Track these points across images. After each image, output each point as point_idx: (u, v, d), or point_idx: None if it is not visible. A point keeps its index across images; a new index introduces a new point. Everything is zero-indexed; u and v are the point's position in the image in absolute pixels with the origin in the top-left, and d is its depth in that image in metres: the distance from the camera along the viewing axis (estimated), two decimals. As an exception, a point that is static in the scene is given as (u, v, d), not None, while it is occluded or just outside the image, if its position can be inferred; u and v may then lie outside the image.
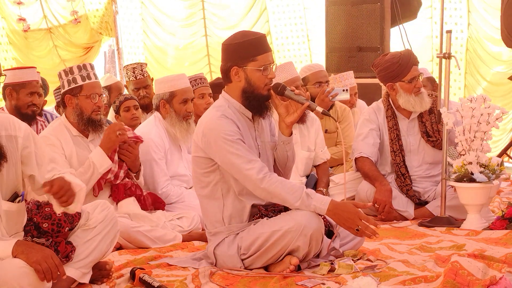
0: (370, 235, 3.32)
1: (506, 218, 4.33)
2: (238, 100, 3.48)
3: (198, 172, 3.51)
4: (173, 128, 4.65)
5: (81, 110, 4.15)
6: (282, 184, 3.32)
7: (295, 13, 10.07)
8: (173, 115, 4.66)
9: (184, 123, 4.65)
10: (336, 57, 7.70)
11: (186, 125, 4.65)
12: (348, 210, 3.32)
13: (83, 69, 4.16)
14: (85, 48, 10.23)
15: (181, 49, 10.47)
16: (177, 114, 4.65)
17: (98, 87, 4.22)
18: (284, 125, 3.55)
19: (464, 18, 9.36)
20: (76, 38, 10.12)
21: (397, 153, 4.99)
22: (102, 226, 3.18)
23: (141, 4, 10.33)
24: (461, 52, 9.44)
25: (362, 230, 3.30)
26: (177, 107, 4.66)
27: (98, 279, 3.27)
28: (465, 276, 3.02)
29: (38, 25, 10.02)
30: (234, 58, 3.43)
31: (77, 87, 4.14)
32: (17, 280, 2.73)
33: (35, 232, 3.08)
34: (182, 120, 4.65)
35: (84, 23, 10.07)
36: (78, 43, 10.16)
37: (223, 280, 3.27)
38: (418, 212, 4.89)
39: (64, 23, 10.07)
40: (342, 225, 3.32)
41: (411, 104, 4.91)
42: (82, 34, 10.13)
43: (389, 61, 4.92)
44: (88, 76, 4.15)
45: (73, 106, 4.16)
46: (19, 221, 3.04)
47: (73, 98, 4.15)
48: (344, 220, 3.30)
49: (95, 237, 3.16)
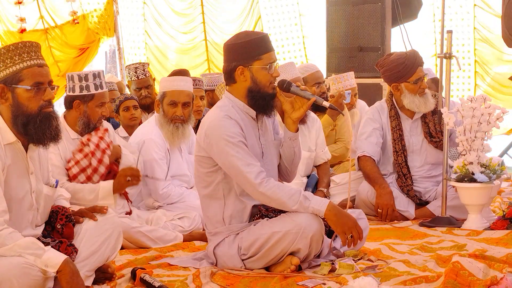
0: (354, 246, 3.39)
1: (507, 218, 4.33)
2: (243, 100, 3.48)
3: (201, 171, 3.51)
4: (161, 129, 4.59)
5: (89, 118, 4.12)
6: (280, 188, 3.32)
7: (291, 20, 10.04)
8: (162, 116, 4.59)
9: (171, 126, 4.55)
10: (336, 57, 7.70)
11: (172, 128, 4.54)
12: (348, 215, 3.34)
13: (97, 78, 4.12)
14: (80, 49, 10.20)
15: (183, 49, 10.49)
16: (165, 115, 4.58)
17: (107, 96, 4.21)
18: (291, 121, 3.55)
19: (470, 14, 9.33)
20: (72, 39, 10.08)
21: (400, 153, 4.99)
22: (104, 230, 3.19)
23: (143, 5, 10.34)
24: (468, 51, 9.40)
25: (355, 239, 3.31)
26: (165, 108, 4.58)
27: (101, 281, 3.28)
28: (466, 276, 3.02)
29: (34, 26, 10.00)
30: (238, 58, 3.42)
31: (89, 95, 4.10)
32: (17, 279, 2.74)
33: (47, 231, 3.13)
34: (169, 123, 4.55)
35: (81, 24, 10.05)
36: (74, 44, 10.13)
37: (224, 280, 3.27)
38: (419, 212, 4.89)
39: (61, 24, 10.05)
40: (337, 228, 3.32)
41: (416, 104, 4.92)
42: (79, 35, 10.10)
43: (395, 61, 4.91)
44: (101, 85, 4.13)
45: (81, 112, 4.13)
46: (48, 211, 3.16)
47: (83, 105, 4.11)
48: (341, 224, 3.31)
49: (98, 241, 3.16)
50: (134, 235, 4.04)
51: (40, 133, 2.96)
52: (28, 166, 3.04)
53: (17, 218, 2.98)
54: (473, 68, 9.46)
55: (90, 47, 10.22)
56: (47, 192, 3.13)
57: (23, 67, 2.94)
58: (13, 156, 2.98)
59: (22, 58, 2.94)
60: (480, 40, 9.34)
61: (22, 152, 3.02)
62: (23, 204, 3.00)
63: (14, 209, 2.96)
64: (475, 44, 9.38)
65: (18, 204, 2.98)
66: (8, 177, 2.93)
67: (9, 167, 2.94)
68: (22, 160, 3.02)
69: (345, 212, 3.35)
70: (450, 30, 4.67)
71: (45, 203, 3.12)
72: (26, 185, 3.02)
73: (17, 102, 2.94)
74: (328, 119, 5.81)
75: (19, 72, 2.93)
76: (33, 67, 2.96)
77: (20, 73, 2.93)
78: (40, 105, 2.96)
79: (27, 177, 3.03)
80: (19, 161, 3.00)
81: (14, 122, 2.96)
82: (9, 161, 2.95)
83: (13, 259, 2.77)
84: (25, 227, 3.00)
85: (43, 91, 2.96)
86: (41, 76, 2.97)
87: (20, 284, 2.74)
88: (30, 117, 2.95)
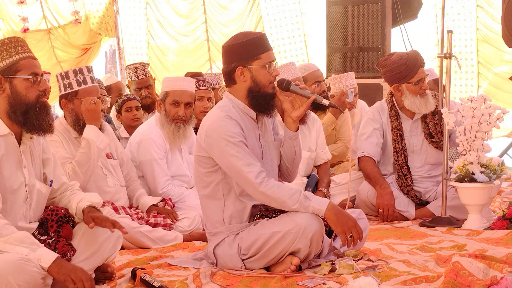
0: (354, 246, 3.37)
1: (507, 218, 4.33)
2: (243, 100, 3.48)
3: (201, 171, 3.51)
4: (162, 128, 4.61)
5: (77, 116, 4.13)
6: (280, 188, 3.32)
7: (292, 19, 10.03)
8: (163, 116, 4.61)
9: (173, 125, 4.56)
10: (337, 57, 7.70)
11: (174, 128, 4.56)
12: (348, 215, 3.34)
13: (79, 74, 4.12)
14: (83, 49, 10.21)
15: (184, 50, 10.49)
16: (167, 115, 4.59)
17: (95, 91, 4.15)
18: (291, 120, 3.55)
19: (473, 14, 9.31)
20: (74, 39, 10.10)
21: (400, 153, 4.99)
22: (104, 230, 3.18)
23: (146, 5, 10.35)
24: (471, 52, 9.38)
25: (354, 239, 3.31)
26: (167, 108, 4.59)
27: (101, 281, 3.28)
28: (466, 277, 3.02)
29: (37, 26, 10.00)
30: (238, 58, 3.43)
31: (72, 92, 4.12)
32: (13, 275, 2.73)
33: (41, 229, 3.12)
34: (171, 122, 4.57)
35: (83, 24, 10.06)
36: (76, 44, 10.14)
37: (224, 280, 3.27)
38: (419, 212, 4.89)
39: (64, 24, 10.06)
40: (337, 228, 3.31)
41: (417, 105, 4.92)
42: (81, 35, 10.11)
43: (396, 62, 4.91)
44: (84, 80, 4.12)
45: (69, 111, 4.15)
46: (41, 208, 3.16)
47: (69, 103, 4.14)
48: (341, 223, 3.30)
49: (98, 241, 3.16)
50: (134, 235, 4.04)
51: (40, 120, 3.03)
52: (22, 159, 3.06)
53: (12, 209, 3.00)
54: (476, 69, 9.45)
55: (92, 47, 10.23)
56: (40, 187, 3.15)
57: (20, 58, 3.01)
58: (6, 148, 3.01)
59: (17, 51, 3.02)
60: (482, 41, 9.33)
61: (16, 145, 3.05)
62: (17, 196, 3.03)
63: (9, 200, 2.99)
64: (478, 45, 9.38)
65: (13, 195, 3.01)
66: (1, 168, 2.97)
67: (2, 157, 2.97)
68: (15, 153, 3.05)
69: (345, 212, 3.35)
70: (450, 30, 4.68)
71: (37, 198, 3.13)
72: (20, 177, 3.05)
73: (16, 92, 3.00)
74: (330, 117, 5.81)
75: (16, 62, 3.01)
76: (29, 58, 3.05)
77: (17, 64, 3.01)
78: (37, 95, 3.03)
79: (20, 170, 3.05)
80: (12, 153, 3.03)
81: (11, 112, 3.01)
82: (2, 151, 2.98)
83: (8, 256, 2.77)
84: (19, 219, 3.03)
85: (39, 82, 3.04)
86: (36, 67, 3.06)
87: (16, 280, 2.73)
88: (29, 105, 3.01)
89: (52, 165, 3.27)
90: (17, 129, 3.05)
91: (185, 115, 4.58)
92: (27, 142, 3.09)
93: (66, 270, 2.84)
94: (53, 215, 3.17)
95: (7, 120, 3.02)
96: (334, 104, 3.56)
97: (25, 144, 3.09)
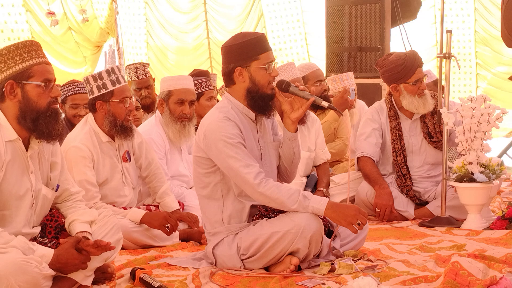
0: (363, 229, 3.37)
1: (507, 218, 4.34)
2: (242, 101, 3.48)
3: (199, 172, 3.51)
4: (167, 128, 4.62)
5: (114, 116, 4.07)
6: (279, 189, 3.32)
7: (293, 17, 10.03)
8: (168, 115, 4.62)
9: (178, 124, 4.59)
10: (336, 57, 7.70)
11: (179, 126, 4.59)
12: (348, 206, 3.34)
13: (112, 73, 4.07)
14: (97, 47, 10.22)
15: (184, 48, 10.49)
16: (172, 114, 4.61)
17: (128, 90, 4.14)
18: (290, 121, 3.55)
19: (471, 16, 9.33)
20: (90, 36, 10.09)
21: (399, 153, 4.99)
22: (104, 230, 3.19)
23: (145, 4, 10.34)
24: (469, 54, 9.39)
25: (363, 223, 3.29)
26: (172, 107, 4.62)
27: (100, 281, 3.28)
28: (465, 276, 3.02)
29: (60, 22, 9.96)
30: (236, 59, 3.43)
31: (108, 93, 4.06)
32: (13, 276, 2.73)
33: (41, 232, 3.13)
34: (176, 121, 4.59)
35: (94, 22, 10.03)
36: (93, 41, 10.14)
37: (223, 280, 3.27)
38: (419, 212, 4.90)
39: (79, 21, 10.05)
40: (341, 222, 3.31)
41: (415, 105, 4.92)
42: (93, 33, 10.10)
43: (394, 62, 4.91)
44: (117, 80, 4.08)
45: (105, 112, 4.07)
46: (44, 213, 3.16)
47: (105, 104, 4.07)
48: (344, 216, 3.30)
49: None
50: (133, 234, 4.04)
51: (50, 128, 3.00)
52: (28, 165, 3.04)
53: (17, 215, 2.99)
54: (475, 70, 9.46)
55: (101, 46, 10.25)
56: (46, 193, 3.13)
57: (33, 64, 2.97)
58: (13, 154, 2.99)
59: (31, 56, 2.98)
60: (480, 43, 9.34)
61: (23, 150, 3.03)
62: (23, 202, 3.01)
63: (13, 206, 2.97)
64: (476, 46, 9.38)
65: (18, 201, 2.99)
66: (8, 174, 2.95)
67: (9, 163, 2.95)
68: (22, 158, 3.02)
69: (343, 205, 3.35)
70: (450, 30, 4.68)
71: (42, 203, 3.13)
72: (27, 183, 3.03)
73: (27, 98, 2.96)
74: (333, 115, 5.80)
75: (29, 68, 2.96)
76: (42, 64, 3.00)
77: (30, 70, 2.97)
78: (48, 101, 3.00)
79: (27, 175, 3.03)
80: (19, 159, 3.01)
81: (21, 118, 2.97)
82: (9, 157, 2.96)
83: (9, 256, 2.76)
84: (23, 225, 3.01)
85: (51, 88, 3.00)
86: (49, 73, 3.02)
87: (17, 281, 2.73)
88: (40, 112, 2.98)
89: (59, 170, 3.24)
90: (25, 134, 3.02)
91: (189, 113, 4.62)
92: (35, 146, 3.07)
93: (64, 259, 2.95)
94: (52, 221, 3.17)
95: (16, 125, 2.99)
96: (333, 106, 3.56)
97: (32, 149, 3.07)
